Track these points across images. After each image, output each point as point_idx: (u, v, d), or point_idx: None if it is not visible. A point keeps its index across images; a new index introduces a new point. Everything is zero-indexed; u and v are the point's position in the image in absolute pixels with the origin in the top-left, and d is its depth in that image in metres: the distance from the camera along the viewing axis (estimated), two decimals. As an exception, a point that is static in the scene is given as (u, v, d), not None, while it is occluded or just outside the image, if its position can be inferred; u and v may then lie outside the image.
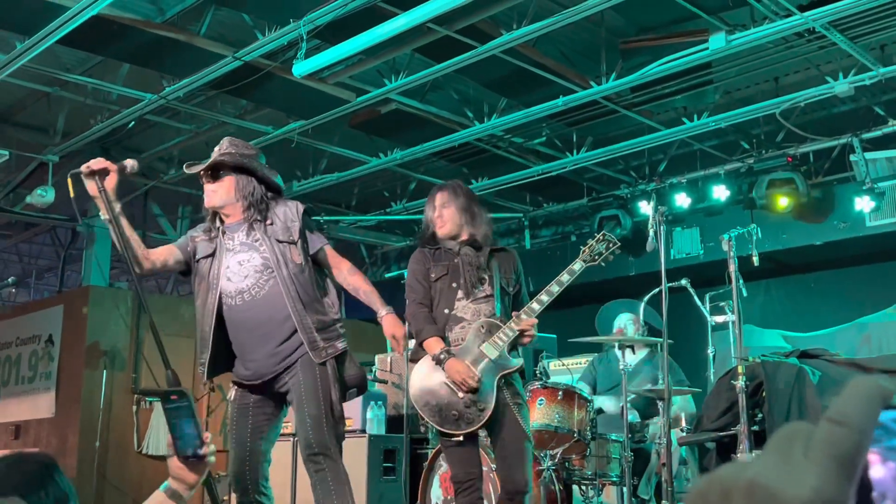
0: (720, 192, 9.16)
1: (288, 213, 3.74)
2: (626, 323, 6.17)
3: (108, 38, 6.75)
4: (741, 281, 4.88)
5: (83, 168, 3.38)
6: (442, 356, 3.80)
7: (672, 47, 6.97)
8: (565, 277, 3.88)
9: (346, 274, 3.83)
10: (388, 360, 7.17)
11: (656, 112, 8.58)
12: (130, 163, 3.48)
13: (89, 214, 10.69)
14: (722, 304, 5.54)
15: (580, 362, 6.87)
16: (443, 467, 5.13)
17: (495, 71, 7.36)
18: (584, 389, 5.72)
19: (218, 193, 3.74)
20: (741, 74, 7.81)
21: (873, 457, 0.50)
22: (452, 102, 8.37)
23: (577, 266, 3.96)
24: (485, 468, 4.83)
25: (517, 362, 3.89)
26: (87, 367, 10.21)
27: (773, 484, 0.47)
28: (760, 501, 0.47)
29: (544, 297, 3.87)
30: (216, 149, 3.84)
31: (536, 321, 3.87)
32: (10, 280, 5.95)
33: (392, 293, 11.37)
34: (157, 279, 14.28)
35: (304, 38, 6.40)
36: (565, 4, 6.34)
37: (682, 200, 9.35)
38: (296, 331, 3.62)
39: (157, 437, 10.10)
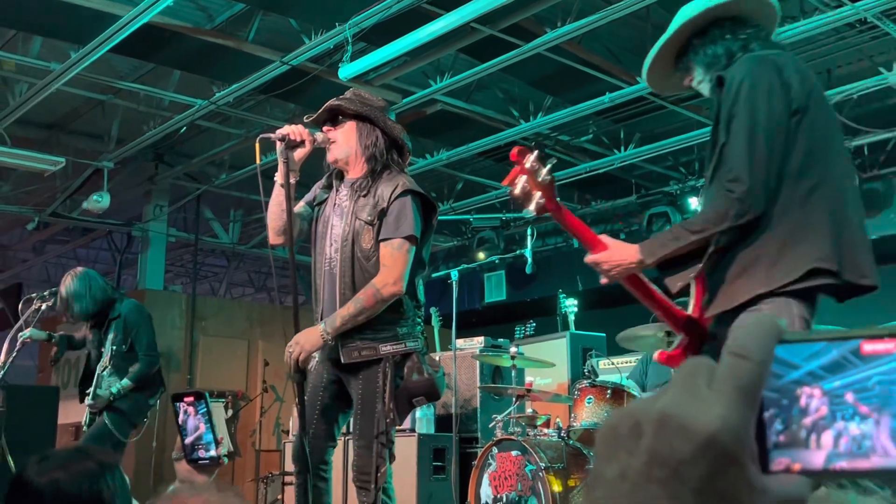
0: (772, 187, 9.01)
1: (384, 192, 3.36)
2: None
3: (160, 45, 6.89)
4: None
5: (277, 133, 3.38)
6: None
7: (720, 41, 6.88)
8: None
9: (374, 280, 3.35)
10: (438, 358, 7.19)
11: (705, 107, 8.47)
12: (321, 136, 3.45)
13: (143, 219, 10.92)
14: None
15: (629, 361, 6.82)
16: (492, 466, 5.14)
17: (540, 69, 7.34)
18: (634, 388, 5.68)
19: (338, 144, 3.45)
20: (792, 67, 7.68)
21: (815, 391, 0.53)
22: (498, 102, 8.37)
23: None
24: (533, 466, 4.83)
25: None
26: (143, 369, 10.40)
27: (683, 414, 0.50)
28: (670, 432, 0.49)
29: None
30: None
31: None
32: (67, 284, 6.07)
33: (442, 292, 11.42)
34: (210, 283, 14.51)
35: (350, 41, 6.46)
36: (610, 0, 6.30)
37: (732, 196, 9.21)
38: None
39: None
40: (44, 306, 5.64)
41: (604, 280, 2.66)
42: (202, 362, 10.97)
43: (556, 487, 4.76)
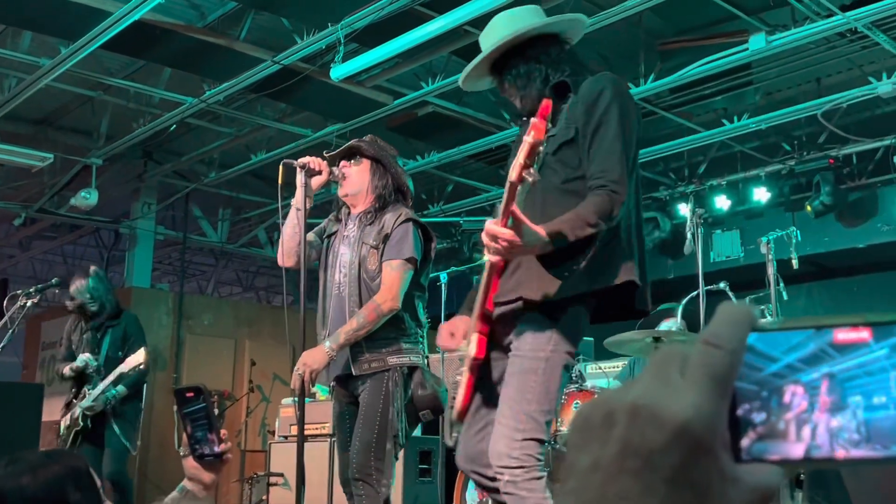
0: (761, 195, 9.05)
1: (389, 220, 3.68)
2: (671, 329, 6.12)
3: (151, 42, 6.86)
4: (781, 284, 4.82)
5: (299, 161, 3.68)
6: None
7: (711, 48, 6.91)
8: None
9: (375, 296, 3.61)
10: (426, 361, 7.18)
11: (696, 113, 8.51)
12: (336, 170, 3.75)
13: (131, 217, 10.87)
14: (762, 307, 5.48)
15: (616, 366, 6.83)
16: (478, 469, 5.14)
17: (532, 73, 7.34)
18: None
19: (350, 180, 3.76)
20: (782, 75, 7.72)
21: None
22: (489, 104, 8.37)
23: None
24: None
25: None
26: (129, 367, 10.36)
27: (655, 403, 0.50)
28: (643, 421, 0.49)
29: None
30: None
31: None
32: (53, 281, 6.06)
33: (431, 294, 11.40)
34: (198, 281, 14.47)
35: (342, 41, 6.45)
36: (603, 6, 6.31)
37: (722, 203, 9.25)
38: None
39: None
40: (29, 303, 5.63)
41: (492, 256, 2.56)
42: (188, 361, 10.93)
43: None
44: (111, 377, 5.72)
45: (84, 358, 5.82)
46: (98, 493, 1.88)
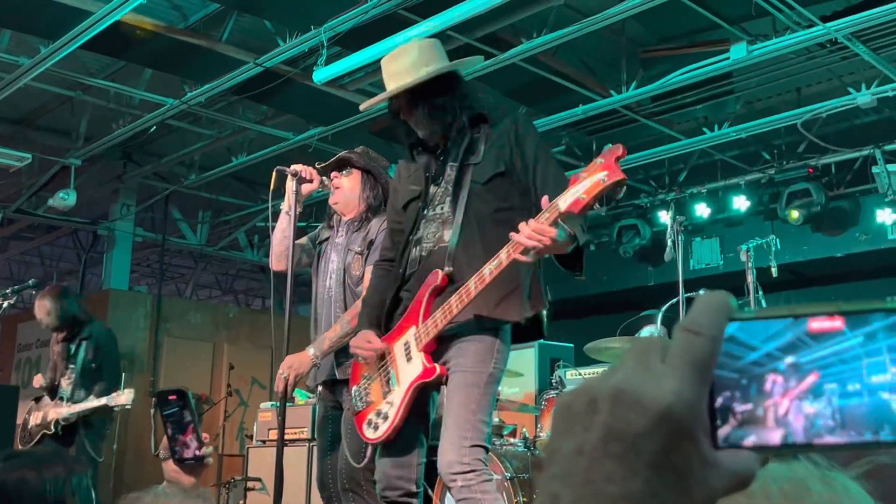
0: (740, 203, 9.11)
1: (375, 225, 3.76)
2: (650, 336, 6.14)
3: (131, 43, 6.81)
4: (760, 292, 4.85)
5: (291, 169, 3.78)
6: None
7: (693, 57, 6.95)
8: None
9: (356, 304, 3.67)
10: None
11: (677, 121, 8.55)
12: (329, 182, 3.85)
13: (110, 218, 10.79)
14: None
15: (597, 372, 6.83)
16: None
17: (515, 79, 7.36)
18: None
19: (341, 189, 3.83)
20: (762, 85, 7.77)
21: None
22: (472, 110, 8.36)
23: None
24: (498, 476, 4.82)
25: None
26: (105, 370, 10.27)
27: (637, 389, 0.51)
28: (626, 406, 0.51)
29: None
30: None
31: None
32: (30, 282, 6.02)
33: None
34: (176, 284, 14.38)
35: (325, 44, 6.43)
36: (586, 13, 6.33)
37: (702, 210, 9.30)
38: None
39: (174, 441, 10.14)
40: (5, 304, 5.60)
41: (530, 248, 2.65)
42: (166, 364, 10.85)
43: (522, 498, 4.75)
44: (92, 403, 5.71)
45: (62, 392, 5.87)
46: (92, 500, 1.86)
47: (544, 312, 3.00)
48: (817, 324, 0.55)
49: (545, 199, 2.65)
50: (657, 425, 0.50)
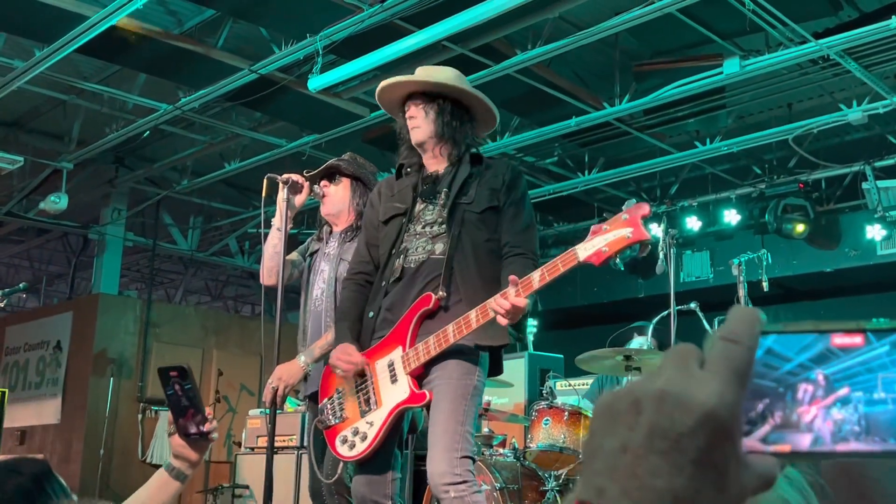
0: (731, 217, 9.15)
1: None
2: (640, 347, 6.14)
3: (126, 47, 6.81)
4: (751, 306, 4.86)
5: (283, 177, 3.77)
6: None
7: (686, 71, 6.99)
8: None
9: None
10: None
11: (669, 135, 8.59)
12: (319, 190, 3.84)
13: (101, 222, 10.76)
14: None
15: (586, 383, 6.85)
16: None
17: (509, 90, 7.38)
18: (591, 409, 5.70)
19: (331, 199, 3.83)
20: (755, 100, 7.81)
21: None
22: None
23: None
24: (487, 487, 4.82)
25: None
26: (94, 375, 10.24)
27: (682, 391, 0.55)
28: (670, 407, 0.54)
29: None
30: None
31: None
32: (20, 286, 5.99)
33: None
34: (166, 289, 14.34)
35: (320, 52, 6.44)
36: (580, 26, 6.37)
37: (692, 224, 9.34)
38: None
39: (162, 447, 10.10)
40: (-3, 306, 5.56)
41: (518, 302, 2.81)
42: (155, 369, 10.79)
43: (510, 508, 4.74)
44: None
45: None
46: (66, 491, 1.84)
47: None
48: (840, 339, 0.58)
49: (513, 277, 2.76)
50: (701, 424, 0.53)
